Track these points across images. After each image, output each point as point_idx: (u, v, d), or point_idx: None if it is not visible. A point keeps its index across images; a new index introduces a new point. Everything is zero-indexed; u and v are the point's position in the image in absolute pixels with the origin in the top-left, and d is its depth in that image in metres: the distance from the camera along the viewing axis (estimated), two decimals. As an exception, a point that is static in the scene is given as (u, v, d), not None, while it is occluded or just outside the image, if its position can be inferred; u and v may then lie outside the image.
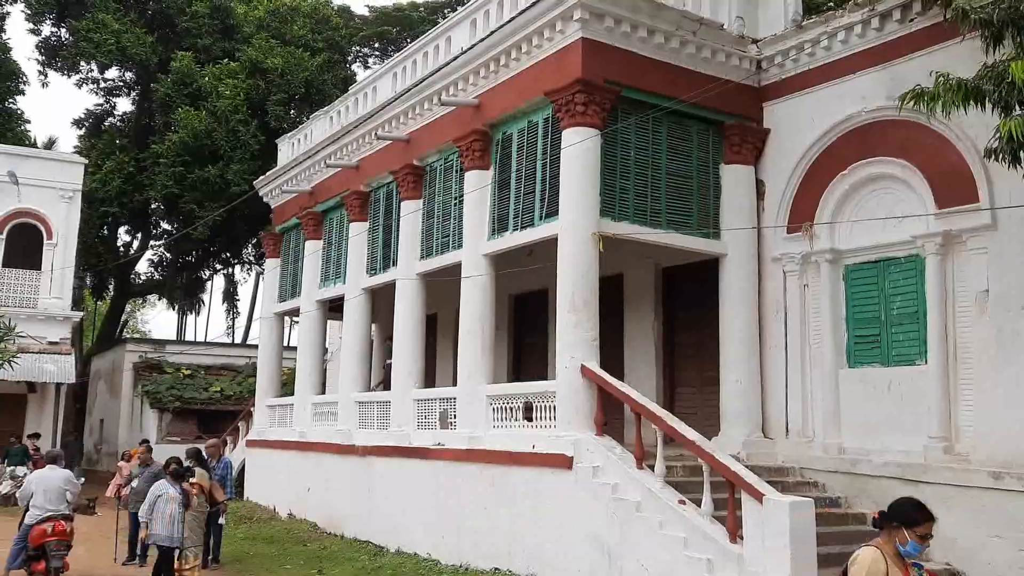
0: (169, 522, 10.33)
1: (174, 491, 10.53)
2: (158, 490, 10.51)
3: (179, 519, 10.41)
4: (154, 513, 10.32)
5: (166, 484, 10.60)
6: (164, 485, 10.59)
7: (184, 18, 32.08)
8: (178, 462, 11.23)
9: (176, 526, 10.38)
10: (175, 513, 10.36)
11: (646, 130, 11.67)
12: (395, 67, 15.67)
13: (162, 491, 10.48)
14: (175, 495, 10.48)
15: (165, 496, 10.40)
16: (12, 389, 22.65)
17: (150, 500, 10.44)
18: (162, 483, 10.67)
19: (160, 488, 10.55)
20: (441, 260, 13.72)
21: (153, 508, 10.32)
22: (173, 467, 11.04)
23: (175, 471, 10.92)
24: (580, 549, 9.95)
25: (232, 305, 45.94)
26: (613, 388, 10.40)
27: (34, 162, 25.18)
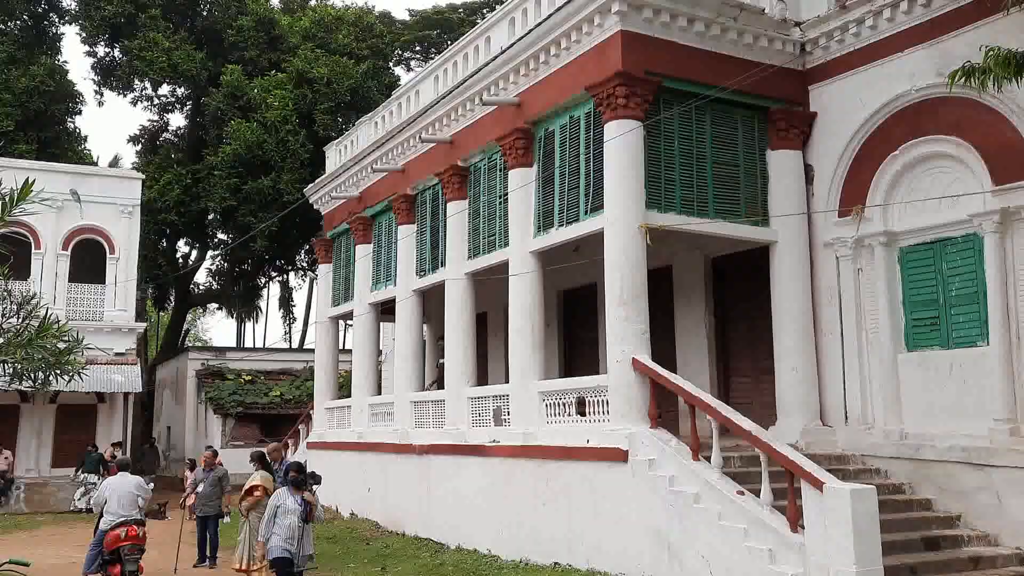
0: (288, 536, 9.12)
1: (293, 502, 9.28)
2: (277, 500, 9.37)
3: (299, 533, 9.16)
4: (273, 527, 9.16)
5: (285, 494, 9.38)
6: (283, 495, 9.38)
7: (231, 32, 32.76)
8: (298, 469, 9.75)
9: (296, 541, 9.14)
10: (294, 526, 9.14)
11: (689, 119, 11.59)
12: (436, 70, 15.82)
13: (280, 502, 9.30)
14: (294, 507, 9.24)
15: (284, 507, 9.21)
16: (83, 400, 23.43)
17: (269, 513, 9.28)
18: (281, 492, 9.46)
19: (279, 498, 9.38)
20: (488, 259, 13.82)
21: (272, 521, 9.18)
22: (292, 474, 9.63)
23: (295, 480, 9.51)
24: (639, 542, 9.96)
25: (288, 311, 46.84)
26: (666, 380, 10.37)
27: (95, 179, 25.96)
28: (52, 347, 4.00)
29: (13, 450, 22.88)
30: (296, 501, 9.20)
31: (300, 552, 9.15)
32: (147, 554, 11.85)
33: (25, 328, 3.97)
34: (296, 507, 9.15)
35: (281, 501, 9.23)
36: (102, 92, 34.75)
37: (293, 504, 9.18)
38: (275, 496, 9.45)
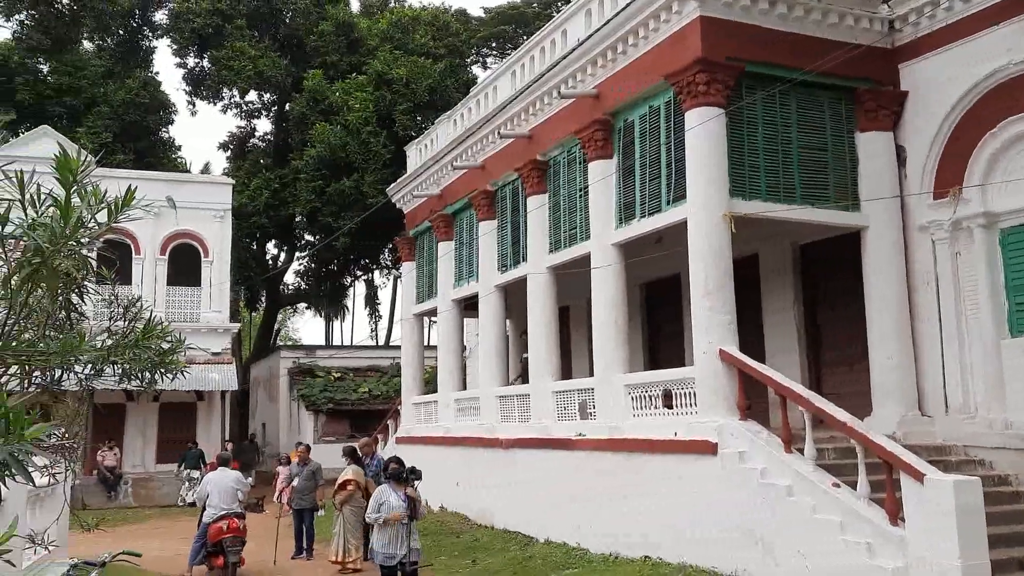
0: (391, 538, 8.72)
1: (396, 499, 8.78)
2: (380, 497, 8.93)
3: (403, 532, 8.73)
4: (376, 529, 8.87)
5: (387, 490, 8.90)
6: (385, 491, 8.91)
7: (312, 38, 33.60)
8: (398, 461, 9.28)
9: (400, 542, 8.72)
10: (398, 527, 8.74)
11: (773, 104, 11.33)
12: (513, 65, 15.87)
13: (383, 499, 8.83)
14: (398, 504, 8.76)
15: (387, 505, 8.76)
16: (183, 398, 24.45)
17: (372, 508, 8.95)
18: (383, 489, 9.00)
19: (381, 495, 8.92)
20: (569, 253, 13.81)
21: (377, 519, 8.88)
22: (392, 467, 9.19)
23: (395, 472, 9.06)
24: (730, 536, 9.81)
25: (374, 309, 47.76)
26: (755, 371, 10.18)
27: (188, 186, 27.00)
28: (157, 348, 4.17)
29: (120, 447, 24.02)
30: (399, 498, 8.75)
31: (406, 550, 8.68)
32: (246, 546, 12.33)
33: (131, 330, 4.16)
34: (400, 504, 8.70)
35: (384, 499, 8.77)
36: (194, 102, 36.14)
37: (396, 501, 8.73)
38: (377, 493, 8.98)
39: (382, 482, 14.44)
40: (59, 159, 2.82)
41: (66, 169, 2.73)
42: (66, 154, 2.84)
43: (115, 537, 12.21)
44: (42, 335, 3.76)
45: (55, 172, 3.03)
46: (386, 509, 8.66)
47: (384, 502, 8.74)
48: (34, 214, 2.96)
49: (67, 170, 2.74)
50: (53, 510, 9.28)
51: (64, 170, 2.73)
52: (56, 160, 2.80)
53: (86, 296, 3.78)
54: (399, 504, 8.68)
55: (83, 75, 32.31)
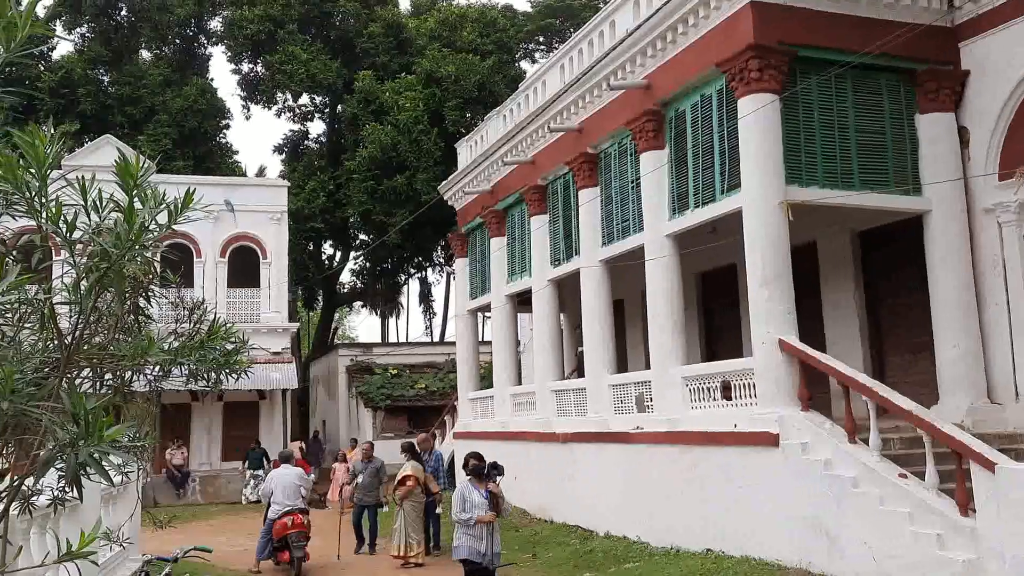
0: (477, 534, 8.26)
1: (479, 496, 8.34)
2: (462, 493, 8.50)
3: (487, 530, 8.28)
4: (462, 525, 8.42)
5: (469, 487, 8.48)
6: (467, 488, 8.49)
7: (362, 40, 33.97)
8: (477, 457, 8.84)
9: (485, 540, 8.25)
10: (482, 525, 8.28)
11: (829, 88, 11.10)
12: (562, 59, 15.82)
13: (466, 496, 8.39)
14: (480, 501, 8.32)
15: (471, 503, 8.33)
16: (246, 397, 25.00)
17: (458, 507, 8.45)
18: (465, 487, 8.56)
19: (464, 493, 8.46)
20: (623, 245, 13.73)
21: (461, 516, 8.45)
22: (473, 463, 8.74)
23: (476, 468, 8.62)
24: (793, 528, 9.67)
25: (428, 306, 48.16)
26: (816, 361, 10.01)
27: (245, 189, 27.56)
28: (222, 349, 4.28)
29: (188, 445, 24.67)
30: (482, 495, 8.32)
31: (490, 551, 8.26)
32: (311, 541, 12.57)
33: (197, 332, 4.27)
34: (482, 501, 8.28)
35: (467, 496, 8.36)
36: (248, 106, 36.85)
37: (479, 498, 8.30)
38: (459, 491, 8.54)
39: (440, 478, 14.68)
40: (119, 164, 2.91)
41: (127, 174, 2.81)
42: (126, 159, 2.92)
43: (184, 533, 12.54)
44: (112, 338, 3.89)
45: (117, 178, 3.14)
46: (471, 508, 8.25)
47: (467, 500, 8.33)
48: (97, 219, 3.06)
49: (128, 175, 2.82)
50: (126, 508, 9.58)
51: (125, 175, 2.81)
52: (117, 165, 2.89)
53: (152, 299, 3.90)
54: (482, 502, 8.27)
55: (143, 84, 33.20)
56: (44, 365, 3.25)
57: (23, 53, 2.50)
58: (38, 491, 3.77)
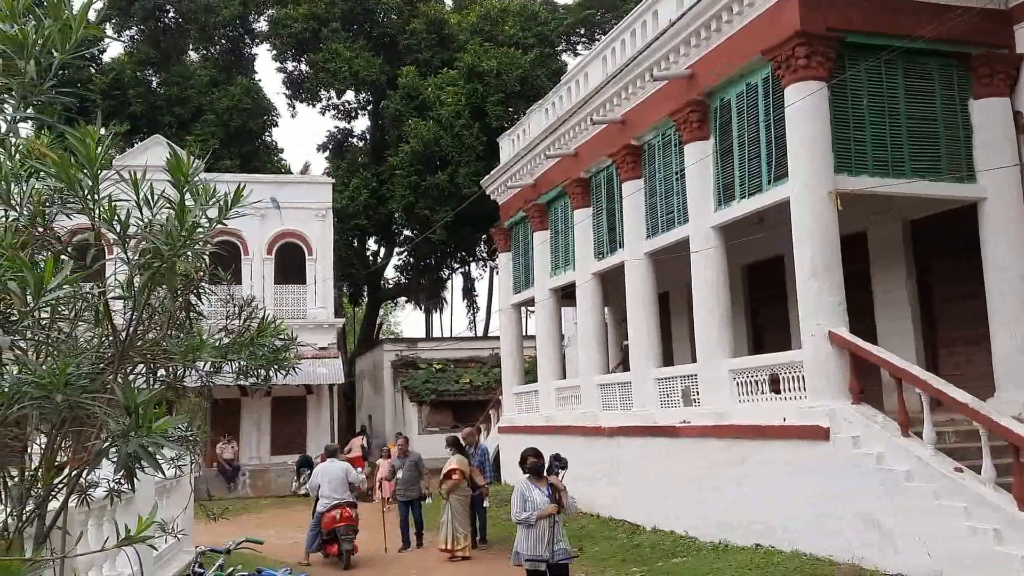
0: (539, 536, 7.66)
1: (540, 495, 7.77)
2: (522, 494, 7.87)
3: (547, 530, 7.66)
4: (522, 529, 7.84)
5: (529, 485, 7.89)
6: (527, 486, 7.89)
7: (404, 36, 34.15)
8: (536, 454, 8.17)
9: (547, 541, 7.64)
10: (544, 524, 7.68)
11: (878, 74, 10.86)
12: (604, 50, 15.72)
13: (526, 495, 7.83)
14: (542, 499, 7.74)
15: (532, 502, 7.76)
16: (294, 392, 25.33)
17: (517, 507, 7.83)
18: (524, 485, 7.94)
19: (523, 492, 7.87)
20: (667, 237, 13.62)
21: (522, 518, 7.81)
22: (531, 461, 8.09)
23: (533, 467, 8.02)
24: (845, 523, 9.51)
25: (471, 301, 48.28)
26: (867, 353, 9.83)
27: (290, 187, 27.89)
28: (271, 345, 4.34)
29: (238, 440, 25.09)
30: (543, 492, 7.75)
31: (551, 548, 7.65)
32: (359, 535, 12.71)
33: (247, 329, 4.33)
34: (544, 500, 7.70)
35: (527, 495, 7.76)
36: (294, 105, 37.27)
37: (540, 497, 7.71)
38: (518, 491, 7.90)
39: (485, 472, 14.72)
40: (171, 162, 2.95)
41: (178, 171, 2.86)
42: (178, 157, 2.97)
43: (235, 526, 12.76)
44: (165, 334, 3.96)
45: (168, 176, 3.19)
46: (531, 507, 7.65)
47: (528, 499, 7.73)
48: (149, 214, 3.11)
49: (179, 172, 2.86)
50: (180, 500, 9.79)
51: (177, 172, 2.86)
52: (168, 163, 2.93)
53: (203, 296, 3.96)
54: (543, 501, 7.67)
55: (190, 85, 33.78)
56: (99, 360, 3.32)
57: (77, 54, 2.55)
58: (95, 483, 3.86)
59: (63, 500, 3.48)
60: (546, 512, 7.61)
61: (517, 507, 7.76)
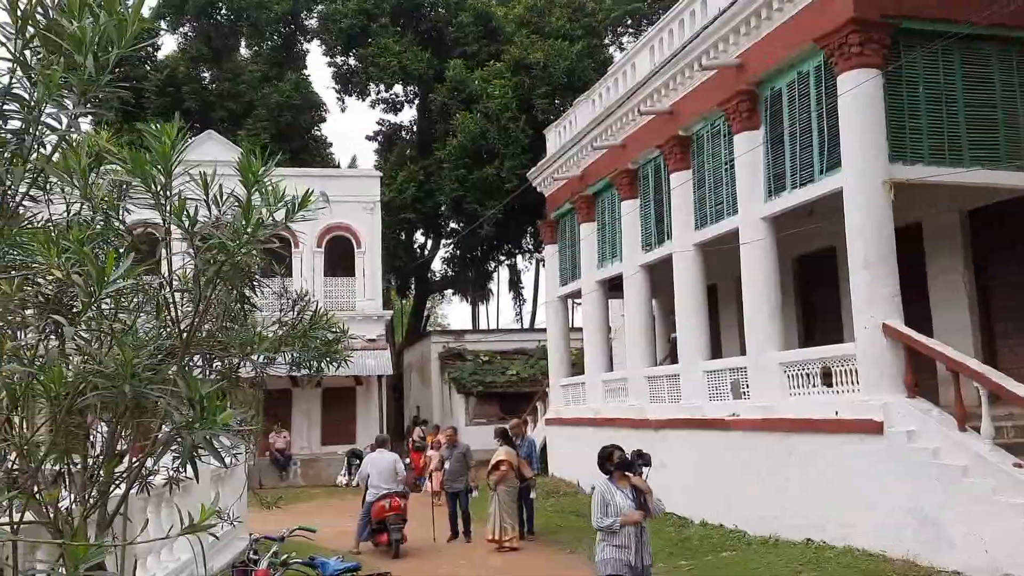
0: (626, 541, 6.75)
1: (623, 496, 6.85)
2: (603, 496, 6.92)
3: (636, 536, 6.78)
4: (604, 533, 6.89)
5: (610, 487, 6.95)
6: (607, 488, 6.95)
7: (451, 29, 34.27)
8: (619, 449, 7.22)
9: (634, 549, 6.76)
10: (630, 531, 6.77)
11: (935, 61, 10.60)
12: (651, 40, 15.60)
13: (607, 497, 6.88)
14: (625, 501, 6.83)
15: (614, 506, 6.83)
16: (343, 383, 25.65)
17: (599, 511, 6.87)
18: (605, 486, 7.01)
19: (604, 494, 6.92)
20: (716, 229, 13.48)
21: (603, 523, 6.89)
22: (619, 457, 7.10)
23: (623, 463, 7.05)
24: (897, 518, 9.35)
25: (518, 293, 48.36)
26: (923, 346, 9.63)
27: (339, 180, 28.17)
28: (323, 338, 4.42)
29: (289, 430, 25.51)
30: (626, 495, 6.84)
31: (641, 562, 6.84)
32: (408, 525, 12.85)
33: (300, 321, 4.42)
34: (628, 503, 6.78)
35: (608, 497, 6.84)
36: (343, 99, 37.66)
37: (623, 500, 6.79)
38: (598, 490, 7.02)
39: (532, 463, 14.73)
40: (242, 163, 3.01)
41: (248, 171, 2.92)
42: (249, 157, 3.03)
43: (288, 514, 13.00)
44: (221, 327, 4.06)
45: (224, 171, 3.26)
46: (614, 511, 6.76)
47: (609, 503, 6.81)
48: (217, 212, 3.19)
49: (249, 172, 2.92)
50: (235, 489, 10.00)
51: (247, 172, 2.92)
52: (240, 163, 3.00)
53: (258, 289, 4.05)
54: (627, 502, 6.78)
55: (242, 81, 34.34)
56: (158, 352, 3.42)
57: (132, 49, 2.62)
58: (154, 472, 3.98)
59: (125, 488, 3.59)
60: (632, 519, 6.73)
61: (598, 512, 6.82)
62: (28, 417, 3.09)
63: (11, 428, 3.04)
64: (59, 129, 2.55)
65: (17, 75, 2.48)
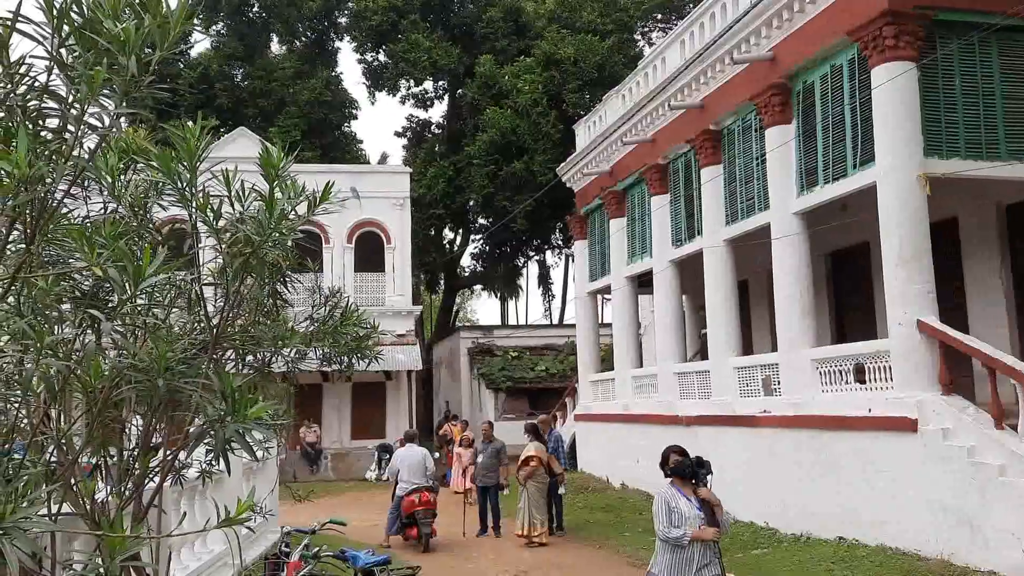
0: (687, 558, 5.85)
1: (689, 505, 5.95)
2: (667, 502, 6.00)
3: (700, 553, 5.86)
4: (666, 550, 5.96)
5: (674, 494, 6.06)
6: (672, 496, 6.05)
7: (481, 25, 34.28)
8: (680, 451, 6.29)
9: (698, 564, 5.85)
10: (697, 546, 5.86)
11: (971, 53, 10.41)
12: (682, 34, 15.48)
13: (671, 504, 5.98)
14: (691, 512, 5.92)
15: (679, 514, 5.92)
16: (373, 378, 25.81)
17: (664, 520, 5.92)
18: (669, 494, 6.08)
19: (669, 501, 6.01)
20: (747, 224, 13.36)
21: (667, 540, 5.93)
22: (675, 459, 6.20)
23: (679, 468, 6.14)
24: (932, 518, 9.22)
25: (547, 288, 48.30)
26: (958, 343, 9.48)
27: (369, 176, 28.35)
28: (353, 333, 4.46)
29: (320, 424, 25.75)
30: (691, 503, 5.98)
31: None
32: (438, 519, 12.91)
33: (330, 317, 4.46)
34: (694, 513, 5.92)
35: (672, 504, 5.97)
36: (374, 95, 37.84)
37: (688, 508, 5.94)
38: (662, 497, 6.07)
39: (560, 459, 14.73)
40: (263, 157, 3.05)
41: (269, 166, 2.95)
42: (269, 152, 3.06)
43: (318, 508, 13.13)
44: (253, 322, 4.11)
45: (254, 166, 3.30)
46: (678, 520, 5.89)
47: (674, 510, 5.94)
48: (240, 208, 3.23)
49: (270, 166, 2.96)
50: (267, 482, 10.12)
51: (268, 166, 2.95)
52: (260, 158, 3.03)
53: (289, 284, 4.09)
54: (693, 512, 5.92)
55: (273, 78, 34.65)
56: (191, 346, 3.47)
57: (173, 53, 2.66)
58: (188, 465, 4.04)
59: (159, 480, 3.65)
60: (704, 536, 5.91)
61: (663, 520, 5.93)
62: (65, 411, 3.15)
63: (49, 421, 3.11)
64: (100, 128, 2.59)
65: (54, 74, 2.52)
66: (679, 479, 6.13)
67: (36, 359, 2.49)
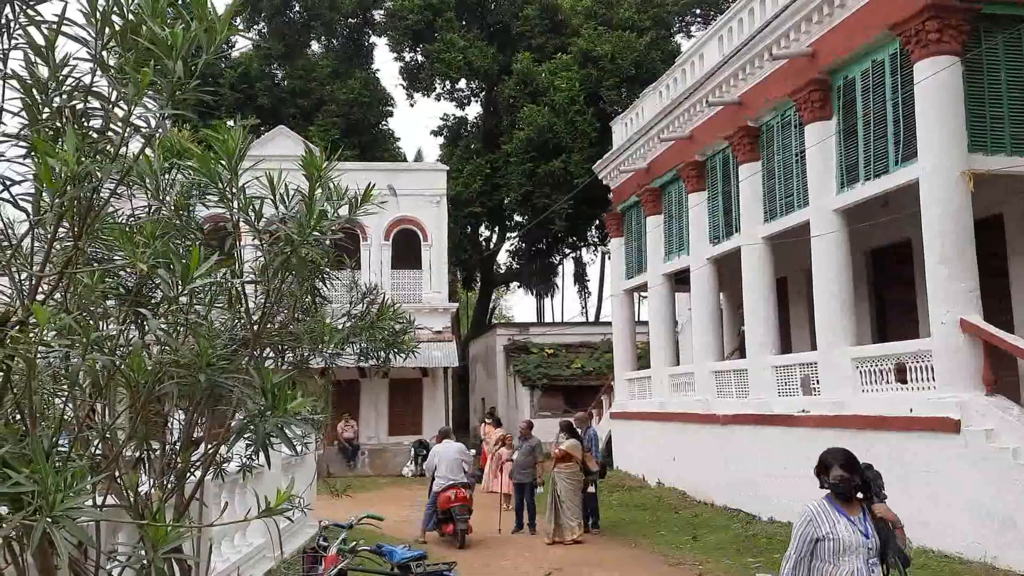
0: None
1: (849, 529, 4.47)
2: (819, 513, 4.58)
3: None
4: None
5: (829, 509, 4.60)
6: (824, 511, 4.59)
7: (517, 23, 34.28)
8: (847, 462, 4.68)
9: None
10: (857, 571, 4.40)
11: (1017, 46, 10.20)
12: (720, 30, 15.35)
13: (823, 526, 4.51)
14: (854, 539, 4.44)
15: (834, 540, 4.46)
16: (410, 374, 25.98)
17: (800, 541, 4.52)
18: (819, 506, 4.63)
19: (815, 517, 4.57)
20: (786, 221, 13.22)
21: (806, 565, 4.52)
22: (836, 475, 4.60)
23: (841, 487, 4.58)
24: (975, 520, 9.06)
25: (583, 286, 48.22)
26: (1003, 342, 9.30)
27: (406, 174, 28.51)
28: (390, 329, 4.50)
29: (357, 420, 25.97)
30: (855, 526, 4.50)
31: None
32: (473, 515, 12.97)
33: (368, 313, 4.51)
34: (858, 540, 4.43)
35: (825, 530, 4.46)
36: (412, 94, 38.06)
37: (849, 534, 4.44)
38: (811, 513, 4.60)
39: (595, 456, 14.70)
40: (305, 158, 3.09)
41: (312, 166, 3.00)
42: (311, 153, 3.11)
43: (355, 503, 13.25)
44: (292, 319, 4.17)
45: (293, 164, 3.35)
46: (832, 549, 4.44)
47: (822, 538, 4.48)
48: (284, 209, 3.28)
49: (312, 167, 3.00)
50: (305, 476, 10.24)
51: (310, 167, 3.00)
52: (303, 158, 3.08)
53: (328, 281, 4.15)
54: (856, 539, 4.44)
55: (312, 77, 35.00)
56: (231, 342, 3.53)
57: (219, 56, 2.72)
58: (228, 459, 4.11)
59: (200, 474, 3.73)
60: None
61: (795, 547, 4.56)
62: (110, 405, 3.23)
63: (94, 415, 3.19)
64: (146, 129, 2.65)
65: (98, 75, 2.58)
66: (841, 498, 4.58)
67: (82, 354, 2.56)
